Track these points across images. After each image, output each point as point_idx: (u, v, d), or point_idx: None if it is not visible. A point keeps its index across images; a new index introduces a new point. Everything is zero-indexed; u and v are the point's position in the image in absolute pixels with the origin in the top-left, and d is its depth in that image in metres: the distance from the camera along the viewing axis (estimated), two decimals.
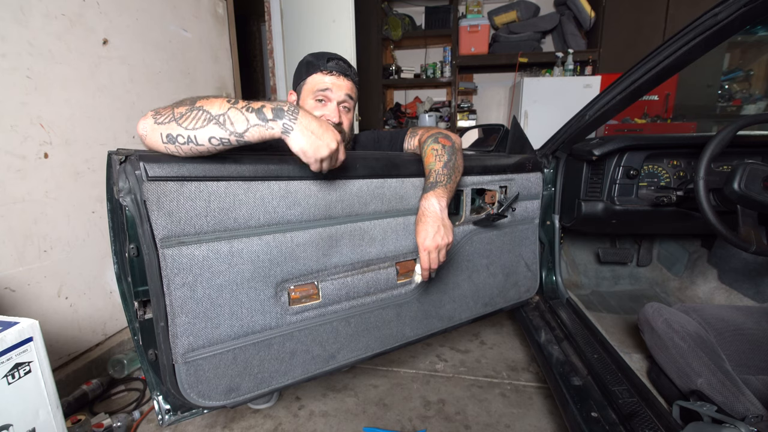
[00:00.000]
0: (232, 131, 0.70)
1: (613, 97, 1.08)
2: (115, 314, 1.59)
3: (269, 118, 0.70)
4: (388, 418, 1.27)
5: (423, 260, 0.93)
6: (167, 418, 0.89)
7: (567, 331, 1.30)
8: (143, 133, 0.72)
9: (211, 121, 0.69)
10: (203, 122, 0.69)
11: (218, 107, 0.70)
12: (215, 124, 0.69)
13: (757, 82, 3.21)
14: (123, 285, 0.83)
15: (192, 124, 0.69)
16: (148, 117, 0.72)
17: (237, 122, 0.69)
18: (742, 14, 0.71)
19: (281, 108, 0.72)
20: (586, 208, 1.35)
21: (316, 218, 0.90)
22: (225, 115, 0.69)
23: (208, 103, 0.71)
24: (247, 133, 0.70)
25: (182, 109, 0.71)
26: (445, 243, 0.92)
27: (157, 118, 0.71)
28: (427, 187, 0.96)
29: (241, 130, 0.70)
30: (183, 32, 1.90)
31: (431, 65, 3.86)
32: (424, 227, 0.92)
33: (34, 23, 1.27)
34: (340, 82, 1.09)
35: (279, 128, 0.71)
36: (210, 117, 0.69)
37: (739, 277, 1.51)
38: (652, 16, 3.20)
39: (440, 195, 0.94)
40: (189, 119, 0.70)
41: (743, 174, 0.95)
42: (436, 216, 0.92)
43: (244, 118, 0.70)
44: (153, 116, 0.72)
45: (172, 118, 0.70)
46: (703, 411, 0.75)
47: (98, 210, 1.50)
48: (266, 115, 0.70)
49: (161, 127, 0.70)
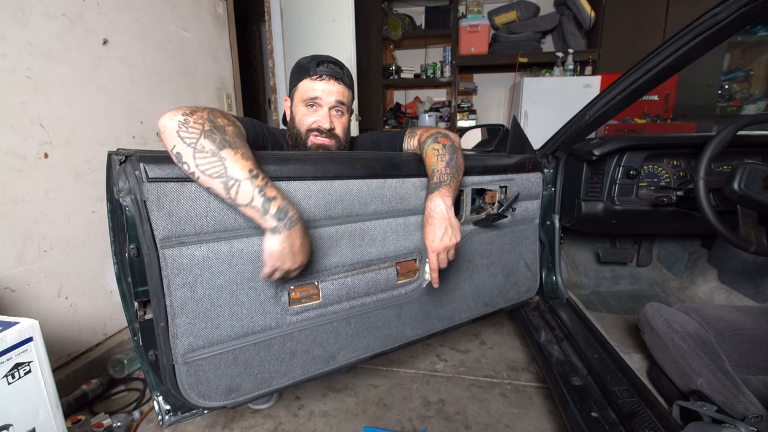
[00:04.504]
0: (232, 198, 0.72)
1: (613, 97, 1.07)
2: (115, 314, 1.59)
3: (271, 213, 0.73)
4: (388, 418, 1.27)
5: (432, 262, 0.93)
6: (167, 419, 0.89)
7: (567, 331, 1.30)
8: (162, 129, 0.72)
9: (220, 178, 0.70)
10: (213, 174, 0.70)
11: (238, 171, 0.71)
12: (222, 183, 0.70)
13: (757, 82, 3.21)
14: (123, 285, 0.83)
15: (205, 167, 0.70)
16: (175, 117, 0.71)
17: (242, 194, 0.71)
18: (742, 14, 0.71)
19: (286, 211, 0.74)
20: (586, 208, 1.35)
21: (316, 218, 0.90)
22: (237, 183, 0.70)
23: (232, 159, 0.71)
24: (243, 207, 0.73)
25: (207, 143, 0.70)
26: (453, 243, 0.92)
27: (181, 129, 0.70)
28: (431, 188, 0.96)
29: (239, 203, 0.72)
30: (183, 32, 1.90)
31: (431, 65, 3.86)
32: (432, 229, 0.92)
33: (34, 23, 1.27)
34: (330, 88, 1.07)
35: (271, 225, 0.74)
36: (222, 174, 0.70)
37: (739, 277, 1.51)
38: (652, 16, 3.20)
39: (445, 195, 0.93)
40: (206, 161, 0.70)
41: (743, 174, 0.95)
42: (443, 216, 0.92)
43: (251, 196, 0.72)
44: (180, 123, 0.71)
45: (194, 145, 0.70)
46: (703, 411, 0.75)
47: (98, 210, 1.50)
48: (270, 209, 0.73)
49: (178, 142, 0.70)
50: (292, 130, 1.12)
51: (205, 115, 0.74)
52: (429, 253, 0.93)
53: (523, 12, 3.51)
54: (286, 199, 0.75)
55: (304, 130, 1.09)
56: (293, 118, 1.12)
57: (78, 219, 1.44)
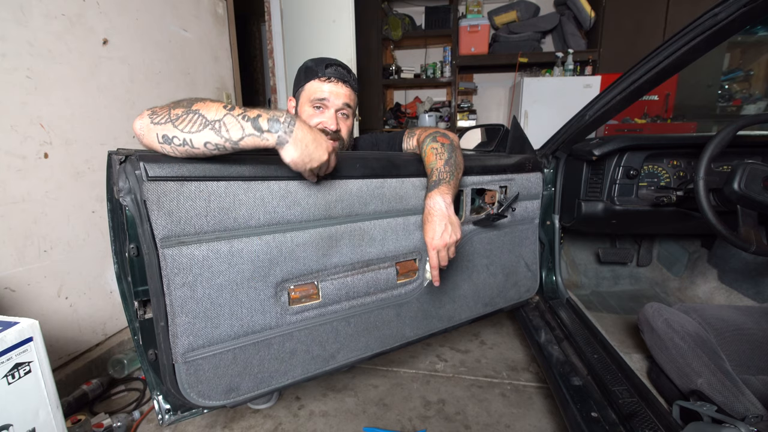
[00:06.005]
0: (227, 138, 0.69)
1: (613, 97, 1.07)
2: (115, 314, 1.59)
3: (265, 129, 0.70)
4: (388, 418, 1.27)
5: (432, 259, 0.92)
6: (167, 418, 0.89)
7: (567, 331, 1.30)
8: (140, 132, 0.72)
9: (206, 126, 0.69)
10: (199, 126, 0.69)
11: (214, 112, 0.69)
12: (211, 130, 0.69)
13: (757, 82, 3.21)
14: (123, 285, 0.83)
15: (188, 127, 0.69)
16: (144, 116, 0.72)
17: (232, 130, 0.69)
18: (742, 14, 0.71)
19: (277, 119, 0.71)
20: (586, 208, 1.35)
21: (316, 218, 0.90)
22: (221, 122, 0.69)
23: (205, 107, 0.70)
24: (242, 141, 0.70)
25: (179, 110, 0.71)
26: (454, 240, 0.91)
27: (153, 118, 0.71)
28: (430, 186, 0.96)
29: (236, 138, 0.69)
30: (183, 32, 1.90)
31: (431, 65, 3.86)
32: (431, 226, 0.91)
33: (34, 23, 1.27)
34: (338, 90, 1.08)
35: (274, 140, 0.71)
36: (206, 122, 0.69)
37: (739, 277, 1.51)
38: (652, 16, 3.20)
39: (444, 192, 0.93)
40: (185, 122, 0.69)
41: (743, 174, 0.95)
42: (442, 214, 0.91)
43: (239, 126, 0.69)
44: (149, 115, 0.72)
45: (168, 119, 0.70)
46: (703, 411, 0.75)
47: (98, 210, 1.50)
48: (262, 125, 0.70)
49: (157, 128, 0.70)
50: None
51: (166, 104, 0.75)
52: (429, 250, 0.92)
53: (523, 12, 3.51)
54: (270, 110, 0.72)
55: None
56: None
57: (78, 219, 1.44)
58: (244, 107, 0.72)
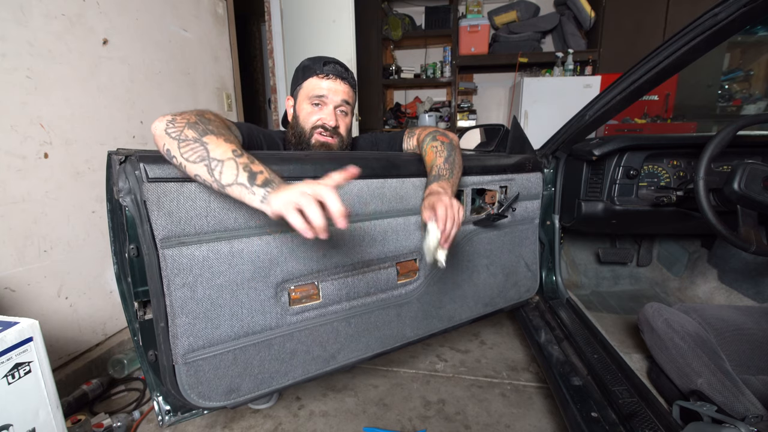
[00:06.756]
0: (217, 180, 0.68)
1: (613, 97, 1.07)
2: (115, 314, 1.59)
3: (257, 183, 0.66)
4: (388, 418, 1.27)
5: (440, 216, 0.82)
6: (167, 419, 0.89)
7: (567, 331, 1.30)
8: (154, 133, 0.74)
9: (203, 161, 0.68)
10: (197, 158, 0.69)
11: (221, 152, 0.69)
12: (205, 167, 0.68)
13: (757, 82, 3.21)
14: (123, 285, 0.83)
15: (188, 154, 0.69)
16: (163, 121, 0.74)
17: (226, 174, 0.67)
18: (742, 14, 0.71)
19: (273, 181, 0.67)
20: (586, 208, 1.35)
21: None
22: (221, 163, 0.68)
23: (214, 143, 0.70)
24: (229, 187, 0.68)
25: (190, 133, 0.71)
26: (458, 206, 0.85)
27: (168, 127, 0.72)
28: (430, 180, 0.96)
29: (224, 183, 0.68)
30: (183, 32, 1.90)
31: (431, 65, 3.86)
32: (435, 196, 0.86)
33: (34, 23, 1.27)
34: (336, 87, 1.08)
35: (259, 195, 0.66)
36: (205, 157, 0.69)
37: (739, 277, 1.51)
38: (652, 16, 3.20)
39: (444, 186, 0.92)
40: (188, 148, 0.70)
41: (743, 174, 0.95)
42: (444, 192, 0.88)
43: (235, 173, 0.67)
44: (167, 123, 0.73)
45: (178, 137, 0.71)
46: (703, 411, 0.75)
47: (98, 210, 1.50)
48: (256, 180, 0.66)
49: (166, 139, 0.71)
50: (295, 128, 1.12)
51: (192, 113, 0.76)
52: (437, 207, 0.82)
53: (523, 12, 3.51)
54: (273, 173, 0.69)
55: (309, 128, 1.09)
56: (296, 117, 1.12)
57: (78, 219, 1.43)
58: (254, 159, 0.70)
